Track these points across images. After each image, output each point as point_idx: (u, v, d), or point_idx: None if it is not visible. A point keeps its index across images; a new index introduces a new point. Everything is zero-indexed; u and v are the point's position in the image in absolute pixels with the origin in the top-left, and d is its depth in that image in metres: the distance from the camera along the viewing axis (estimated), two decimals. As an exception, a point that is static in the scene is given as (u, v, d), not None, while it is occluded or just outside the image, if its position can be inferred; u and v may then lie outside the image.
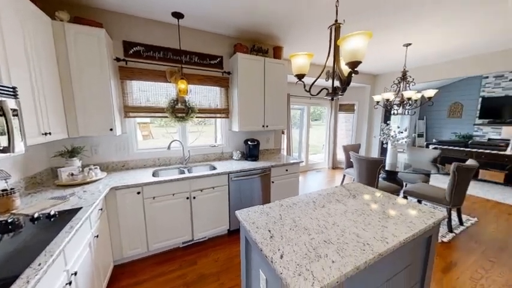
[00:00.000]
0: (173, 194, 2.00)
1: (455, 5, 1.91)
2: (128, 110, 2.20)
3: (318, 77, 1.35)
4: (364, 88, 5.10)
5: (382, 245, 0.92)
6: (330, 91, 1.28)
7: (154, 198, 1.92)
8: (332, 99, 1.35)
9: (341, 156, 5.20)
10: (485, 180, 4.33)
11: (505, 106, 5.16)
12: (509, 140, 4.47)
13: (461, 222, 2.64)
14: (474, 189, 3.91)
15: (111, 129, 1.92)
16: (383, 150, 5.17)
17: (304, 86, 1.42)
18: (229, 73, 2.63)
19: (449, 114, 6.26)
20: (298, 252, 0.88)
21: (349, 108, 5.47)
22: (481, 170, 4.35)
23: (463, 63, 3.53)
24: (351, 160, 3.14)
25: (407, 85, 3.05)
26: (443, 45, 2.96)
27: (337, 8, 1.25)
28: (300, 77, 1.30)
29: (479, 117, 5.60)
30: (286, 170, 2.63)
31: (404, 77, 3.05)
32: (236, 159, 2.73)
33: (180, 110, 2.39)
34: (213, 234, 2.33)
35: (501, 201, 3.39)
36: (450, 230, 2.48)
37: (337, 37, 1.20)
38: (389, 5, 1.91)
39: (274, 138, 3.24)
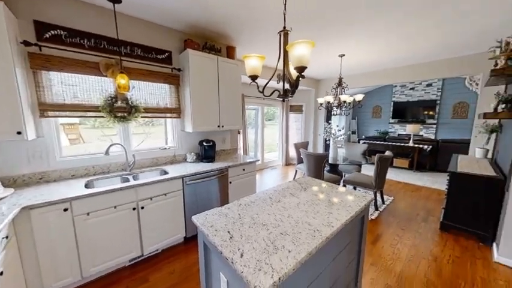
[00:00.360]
0: (115, 207, 1.72)
1: (375, 27, 2.36)
2: (45, 108, 1.76)
3: (270, 79, 1.42)
4: (310, 91, 5.67)
5: (329, 229, 1.05)
6: (281, 93, 1.37)
7: (88, 214, 1.61)
8: (283, 100, 1.45)
9: (293, 153, 5.65)
10: (397, 167, 5.53)
11: (407, 109, 6.73)
12: (410, 135, 5.85)
13: (383, 202, 3.29)
14: (390, 174, 4.94)
15: (18, 133, 1.49)
16: (326, 146, 5.90)
17: (258, 87, 1.47)
18: (179, 70, 2.46)
19: (373, 115, 7.70)
20: (258, 248, 0.90)
21: (298, 109, 5.99)
22: (394, 159, 5.53)
23: (379, 74, 4.41)
24: (301, 156, 3.47)
25: (343, 90, 3.57)
26: (366, 59, 3.61)
27: (284, 16, 1.34)
28: (254, 78, 1.34)
29: (392, 118, 7.11)
30: (244, 170, 2.66)
31: (340, 83, 3.56)
32: (190, 162, 2.58)
33: (120, 109, 2.08)
34: (167, 245, 2.13)
35: (408, 182, 4.41)
36: (376, 208, 3.06)
37: (285, 43, 1.29)
38: (325, 20, 2.18)
39: (231, 138, 3.22)
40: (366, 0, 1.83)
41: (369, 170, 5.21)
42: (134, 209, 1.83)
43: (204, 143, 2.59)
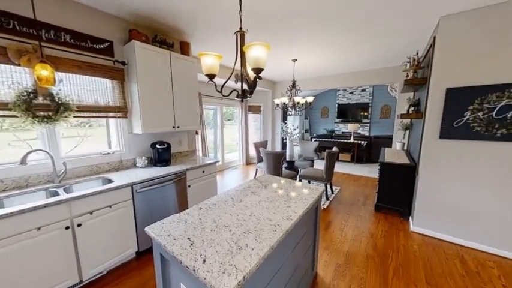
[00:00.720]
0: (38, 228, 1.39)
1: (319, 36, 2.63)
2: None
3: (228, 79, 1.41)
4: (267, 92, 5.90)
5: (288, 222, 1.12)
6: (240, 93, 1.38)
7: (-4, 242, 1.25)
8: (242, 100, 1.46)
9: (253, 152, 5.77)
10: (342, 160, 6.36)
11: (348, 110, 7.79)
12: (351, 132, 6.81)
13: (332, 192, 3.73)
14: (337, 167, 5.63)
15: None
16: (283, 145, 6.27)
17: (216, 87, 1.44)
18: (124, 63, 2.16)
19: (322, 115, 8.61)
20: (221, 251, 0.89)
21: (256, 109, 6.15)
22: (340, 154, 6.34)
23: (325, 79, 4.96)
24: (261, 155, 3.58)
25: (296, 92, 3.86)
26: (315, 65, 4.01)
27: (240, 17, 1.36)
28: (211, 76, 1.30)
29: (337, 117, 8.10)
30: (203, 172, 2.56)
31: (294, 85, 3.83)
32: (142, 167, 2.32)
33: (42, 107, 1.68)
34: (115, 264, 1.85)
35: (350, 173, 5.13)
36: (327, 198, 3.44)
37: (242, 43, 1.31)
38: (276, 25, 2.32)
39: (188, 139, 3.05)
40: (308, 11, 2.02)
41: (320, 165, 5.78)
42: (67, 228, 1.51)
43: (158, 146, 2.37)
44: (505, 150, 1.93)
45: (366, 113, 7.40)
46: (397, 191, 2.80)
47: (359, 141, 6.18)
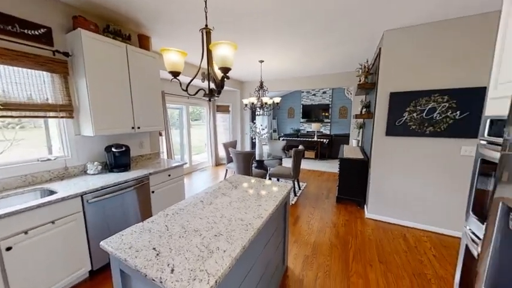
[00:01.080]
0: None
1: (283, 39, 2.75)
2: None
3: (194, 77, 1.36)
4: (235, 92, 5.88)
5: (259, 221, 1.14)
6: (207, 92, 1.34)
7: None
8: (209, 100, 1.42)
9: (222, 153, 5.67)
10: (307, 158, 6.78)
11: (312, 110, 8.35)
12: (315, 131, 7.33)
13: (299, 188, 3.94)
14: (303, 164, 5.98)
15: None
16: (253, 145, 6.34)
17: (181, 85, 1.36)
18: (67, 54, 1.86)
19: (288, 115, 9.01)
20: (191, 257, 0.85)
21: (225, 109, 6.06)
22: (305, 152, 6.75)
23: (291, 81, 5.22)
24: (231, 155, 3.54)
25: (264, 92, 3.95)
26: (281, 67, 4.18)
27: (206, 14, 1.32)
28: (175, 74, 1.23)
29: (302, 118, 8.60)
30: (169, 175, 2.40)
31: (261, 86, 3.91)
32: (93, 174, 2.04)
33: None
34: (60, 289, 1.58)
35: (315, 169, 5.51)
36: (295, 194, 3.62)
37: (208, 41, 1.27)
38: (241, 25, 2.33)
39: (150, 141, 2.81)
40: (272, 12, 2.09)
41: (288, 163, 6.04)
42: (-8, 253, 1.22)
43: (114, 149, 2.12)
44: (432, 145, 2.36)
45: (327, 114, 8.04)
46: (354, 183, 3.14)
47: (322, 140, 6.69)
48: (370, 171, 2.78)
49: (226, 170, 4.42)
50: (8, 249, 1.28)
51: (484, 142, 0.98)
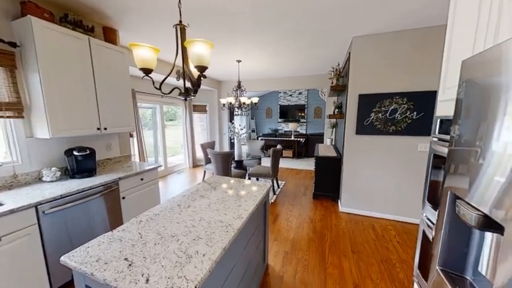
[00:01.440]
0: None
1: (259, 40, 2.78)
2: None
3: (168, 75, 1.29)
4: (212, 91, 5.75)
5: (239, 221, 1.14)
6: (182, 91, 1.29)
7: None
8: (185, 99, 1.37)
9: (200, 154, 5.50)
10: (285, 157, 6.97)
11: (289, 111, 8.60)
12: (292, 131, 7.56)
13: (278, 186, 4.03)
14: (281, 163, 6.12)
15: None
16: (232, 145, 6.28)
17: (154, 83, 1.29)
18: (14, 45, 1.62)
19: (266, 115, 9.14)
20: (168, 265, 0.80)
21: (202, 109, 5.90)
22: (283, 151, 6.92)
23: (268, 81, 5.30)
24: (209, 156, 3.46)
25: (242, 92, 3.94)
26: (258, 67, 4.21)
27: (180, 9, 1.26)
28: (147, 71, 1.15)
29: (280, 117, 8.80)
30: (142, 179, 2.25)
31: (239, 85, 3.90)
32: (51, 181, 1.81)
33: None
34: (10, 316, 1.37)
35: (293, 168, 5.68)
36: (274, 193, 3.69)
37: (183, 38, 1.22)
38: (217, 24, 2.30)
39: (120, 143, 2.60)
40: (249, 13, 2.11)
41: (266, 162, 6.13)
42: None
43: (76, 153, 1.91)
44: (395, 142, 2.61)
45: (303, 114, 8.36)
46: (329, 179, 3.32)
47: (298, 139, 6.93)
48: (343, 168, 2.97)
49: (205, 171, 4.30)
50: None
51: (436, 139, 1.12)
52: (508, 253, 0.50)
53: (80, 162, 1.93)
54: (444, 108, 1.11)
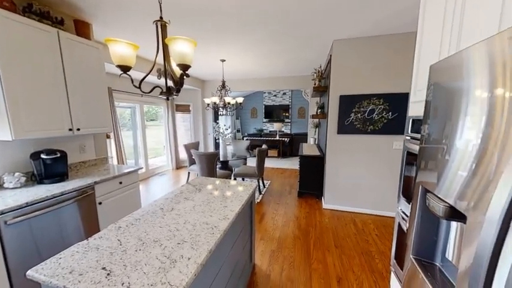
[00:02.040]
0: None
1: (244, 39, 2.78)
2: None
3: (148, 73, 1.24)
4: (196, 91, 5.62)
5: (226, 222, 1.12)
6: (164, 90, 1.24)
7: None
8: (167, 99, 1.32)
9: (183, 155, 5.34)
10: (270, 156, 7.04)
11: (274, 111, 8.70)
12: (277, 131, 7.66)
13: (264, 186, 4.06)
14: (267, 163, 6.17)
15: None
16: (216, 145, 6.20)
17: (132, 81, 1.23)
18: (-33, 36, 1.44)
19: (251, 115, 9.15)
20: (151, 271, 0.77)
21: (185, 108, 5.73)
22: (269, 150, 6.99)
23: (253, 81, 5.31)
24: (193, 157, 3.37)
25: (227, 92, 3.91)
26: (243, 67, 4.20)
27: (160, 5, 1.22)
28: (125, 69, 1.09)
29: (265, 118, 8.87)
30: (120, 183, 2.12)
31: (224, 85, 3.85)
32: (14, 187, 1.63)
33: None
34: None
35: (278, 167, 5.76)
36: (260, 192, 3.71)
37: (164, 35, 1.18)
38: (205, 22, 2.26)
39: (96, 145, 2.43)
40: (232, 13, 2.10)
41: (252, 162, 6.13)
42: None
43: (43, 156, 1.74)
44: (372, 141, 2.77)
45: (287, 114, 8.51)
46: (312, 178, 3.41)
47: (283, 139, 7.04)
48: (326, 166, 3.08)
49: (189, 172, 4.19)
50: None
51: (409, 138, 1.21)
52: (470, 239, 0.56)
53: (48, 166, 1.77)
54: (416, 109, 1.20)
